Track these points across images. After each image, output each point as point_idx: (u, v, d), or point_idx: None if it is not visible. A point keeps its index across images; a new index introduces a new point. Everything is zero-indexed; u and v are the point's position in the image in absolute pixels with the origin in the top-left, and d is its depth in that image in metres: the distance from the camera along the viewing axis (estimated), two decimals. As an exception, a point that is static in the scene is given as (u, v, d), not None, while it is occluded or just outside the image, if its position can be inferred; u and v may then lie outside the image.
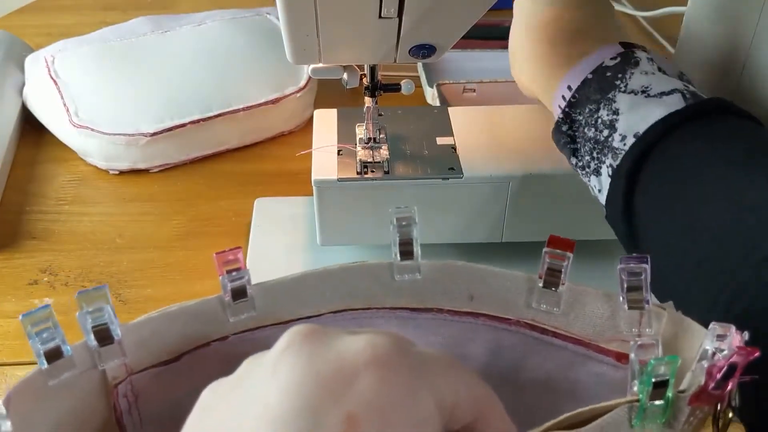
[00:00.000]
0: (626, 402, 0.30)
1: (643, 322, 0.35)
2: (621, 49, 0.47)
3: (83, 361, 0.34)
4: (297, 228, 0.64)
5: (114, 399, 0.36)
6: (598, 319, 0.36)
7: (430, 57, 0.49)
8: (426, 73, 0.80)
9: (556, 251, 0.36)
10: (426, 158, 0.56)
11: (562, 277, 0.36)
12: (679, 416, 0.31)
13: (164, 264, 0.63)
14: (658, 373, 0.29)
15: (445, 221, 0.56)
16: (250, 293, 0.37)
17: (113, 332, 0.34)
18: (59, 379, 0.33)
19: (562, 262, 0.35)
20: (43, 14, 1.03)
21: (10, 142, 0.73)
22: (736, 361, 0.29)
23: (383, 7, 0.44)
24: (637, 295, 0.34)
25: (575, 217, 0.57)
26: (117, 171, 0.72)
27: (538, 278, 0.36)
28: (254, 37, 0.80)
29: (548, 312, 0.37)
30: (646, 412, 0.30)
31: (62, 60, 0.77)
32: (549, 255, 0.36)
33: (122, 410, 0.36)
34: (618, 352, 0.36)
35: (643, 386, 0.30)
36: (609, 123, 0.46)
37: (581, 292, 0.36)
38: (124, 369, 0.35)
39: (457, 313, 0.38)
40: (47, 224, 0.67)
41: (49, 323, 0.32)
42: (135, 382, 0.36)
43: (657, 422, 0.31)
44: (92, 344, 0.34)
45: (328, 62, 0.51)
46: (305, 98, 0.78)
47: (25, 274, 0.62)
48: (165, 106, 0.72)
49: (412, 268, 0.37)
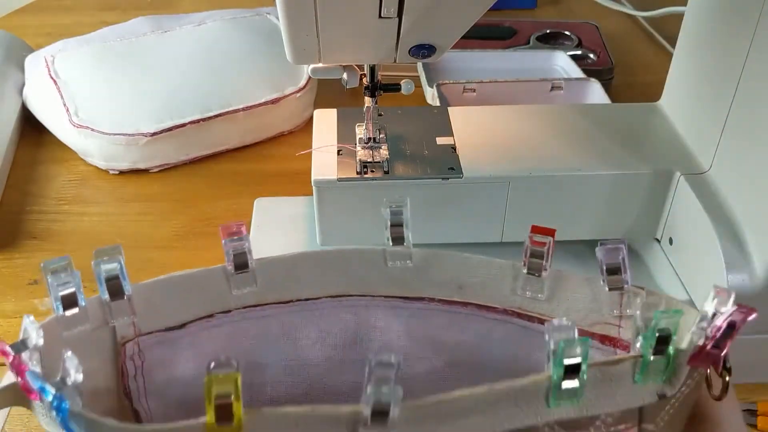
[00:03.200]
0: (630, 357, 0.31)
1: (624, 303, 0.36)
2: None
3: (96, 316, 0.35)
4: (297, 228, 0.64)
5: (122, 360, 0.36)
6: (581, 303, 0.37)
7: (430, 57, 0.49)
8: (426, 73, 0.80)
9: (537, 236, 0.37)
10: (426, 158, 0.56)
11: (544, 263, 0.37)
12: (679, 374, 0.32)
13: (164, 264, 0.63)
14: (661, 328, 0.31)
15: (445, 221, 0.56)
16: (251, 265, 0.38)
17: (124, 287, 0.35)
18: (72, 332, 0.34)
19: (543, 248, 0.37)
20: (43, 14, 1.03)
21: (10, 142, 0.73)
22: (735, 320, 0.30)
23: (383, 7, 0.44)
24: (616, 276, 0.35)
25: (575, 217, 0.57)
26: (117, 171, 0.72)
27: (522, 265, 0.37)
28: (254, 37, 0.80)
29: (533, 299, 0.38)
30: (649, 367, 0.31)
31: (62, 60, 0.77)
32: (531, 241, 0.37)
33: (129, 374, 0.37)
34: (602, 335, 0.37)
35: (647, 341, 0.31)
36: None
37: (563, 278, 0.37)
38: (132, 329, 0.36)
39: (447, 303, 0.39)
40: (47, 224, 0.67)
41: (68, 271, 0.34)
42: (142, 345, 0.37)
43: (659, 380, 0.32)
44: (104, 297, 0.35)
45: (327, 62, 0.51)
46: (305, 98, 0.78)
47: (25, 274, 0.62)
48: (165, 106, 0.72)
49: (403, 255, 0.38)
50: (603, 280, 0.36)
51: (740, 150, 0.51)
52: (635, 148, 0.57)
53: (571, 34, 0.91)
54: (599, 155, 0.56)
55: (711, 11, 0.54)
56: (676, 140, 0.58)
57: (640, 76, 0.90)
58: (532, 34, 0.92)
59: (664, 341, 0.31)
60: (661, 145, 0.58)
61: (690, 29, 0.57)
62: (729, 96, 0.51)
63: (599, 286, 0.36)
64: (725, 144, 0.52)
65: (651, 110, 0.61)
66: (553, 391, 0.31)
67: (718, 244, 0.49)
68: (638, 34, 1.00)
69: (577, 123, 0.60)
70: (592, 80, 0.77)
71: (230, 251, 0.37)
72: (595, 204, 0.56)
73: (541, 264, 0.37)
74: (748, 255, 0.49)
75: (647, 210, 0.56)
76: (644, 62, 0.93)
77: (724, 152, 0.53)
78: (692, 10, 0.57)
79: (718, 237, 0.49)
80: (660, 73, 0.62)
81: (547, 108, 0.62)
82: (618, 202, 0.56)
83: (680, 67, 0.59)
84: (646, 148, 0.57)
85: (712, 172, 0.54)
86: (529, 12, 1.06)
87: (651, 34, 0.99)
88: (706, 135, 0.54)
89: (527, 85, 0.77)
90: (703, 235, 0.51)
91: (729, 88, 0.51)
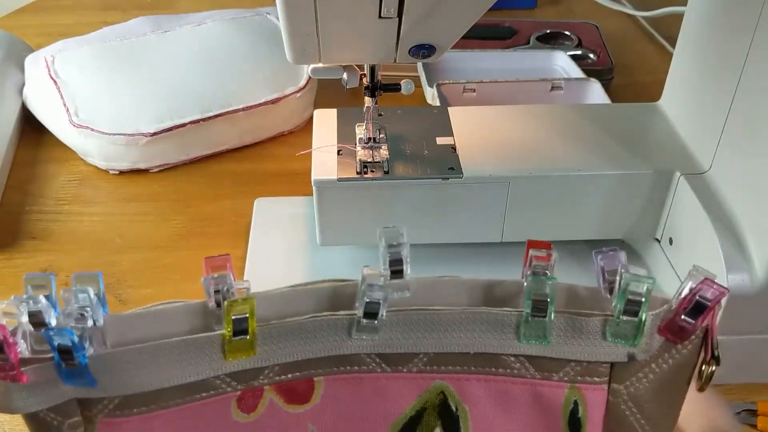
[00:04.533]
0: (601, 315, 0.34)
1: None
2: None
3: None
4: (297, 228, 0.64)
5: None
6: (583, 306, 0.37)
7: (430, 57, 0.49)
8: (426, 73, 0.80)
9: (540, 253, 0.36)
10: (426, 158, 0.56)
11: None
12: (652, 341, 0.34)
13: (164, 264, 0.63)
14: (634, 291, 0.33)
15: (445, 221, 0.56)
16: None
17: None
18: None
19: (545, 262, 0.35)
20: (43, 14, 1.03)
21: (10, 142, 0.73)
22: (705, 295, 0.32)
23: (383, 7, 0.44)
24: (614, 276, 0.36)
25: (575, 217, 0.57)
26: (117, 171, 0.72)
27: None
28: (254, 37, 0.80)
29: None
30: (618, 327, 0.34)
31: (62, 60, 0.77)
32: (534, 259, 0.36)
33: None
34: None
35: (618, 301, 0.33)
36: None
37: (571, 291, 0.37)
38: None
39: None
40: (47, 224, 0.67)
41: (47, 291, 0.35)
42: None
43: (630, 343, 0.34)
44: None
45: (327, 62, 0.51)
46: (305, 98, 0.78)
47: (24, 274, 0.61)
48: (165, 106, 0.72)
49: (401, 286, 0.36)
50: (601, 283, 0.35)
51: (740, 150, 0.51)
52: (635, 148, 0.57)
53: (571, 34, 0.91)
54: (599, 155, 0.56)
55: (711, 11, 0.54)
56: (676, 140, 0.58)
57: (640, 76, 0.90)
58: (532, 34, 0.92)
59: (637, 305, 0.33)
60: (661, 145, 0.58)
61: (690, 29, 0.57)
62: (729, 96, 0.51)
63: (600, 291, 0.36)
64: (725, 144, 0.52)
65: (651, 110, 0.61)
66: (523, 325, 0.34)
67: (718, 244, 0.49)
68: (638, 34, 1.00)
69: (577, 123, 0.60)
70: (592, 80, 0.77)
71: (210, 289, 0.35)
72: (595, 204, 0.56)
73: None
74: (748, 255, 0.49)
75: (647, 210, 0.56)
76: (644, 62, 0.93)
77: (724, 152, 0.53)
78: (692, 10, 0.57)
79: (718, 237, 0.49)
80: (660, 73, 0.62)
81: (547, 108, 0.62)
82: (618, 202, 0.56)
83: (680, 67, 0.59)
84: (646, 148, 0.57)
85: (712, 172, 0.54)
86: (529, 12, 1.06)
87: (651, 34, 0.99)
88: (706, 135, 0.54)
89: (527, 85, 0.77)
90: (703, 235, 0.51)
91: (729, 88, 0.51)
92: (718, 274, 0.49)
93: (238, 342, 0.33)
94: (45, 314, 0.33)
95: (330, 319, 0.34)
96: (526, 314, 0.34)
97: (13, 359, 0.31)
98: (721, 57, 0.52)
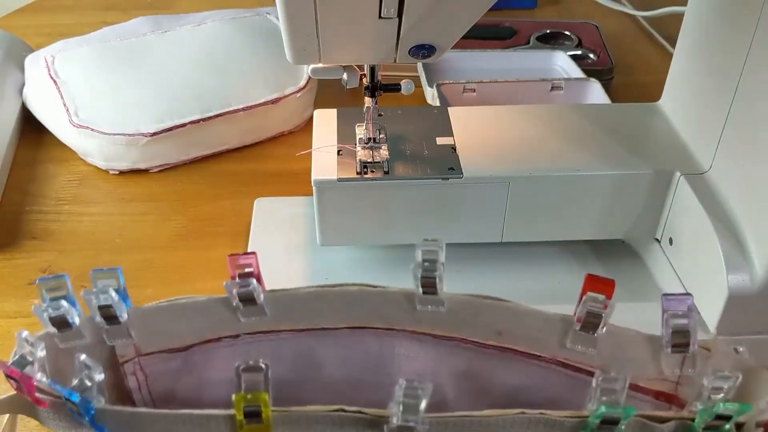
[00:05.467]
0: (679, 417, 0.30)
1: (686, 363, 0.34)
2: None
3: (92, 334, 0.35)
4: (297, 228, 0.64)
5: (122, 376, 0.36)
6: (638, 362, 0.35)
7: (430, 57, 0.49)
8: (426, 73, 0.80)
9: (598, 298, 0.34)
10: (426, 158, 0.56)
11: (601, 324, 0.34)
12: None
13: (164, 264, 0.63)
14: (720, 414, 0.29)
15: (445, 221, 0.56)
16: (260, 302, 0.37)
17: (118, 315, 0.35)
18: (69, 344, 0.34)
19: (602, 309, 0.34)
20: (43, 14, 1.03)
21: (10, 142, 0.73)
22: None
23: (383, 7, 0.44)
24: (681, 338, 0.33)
25: (575, 217, 0.57)
26: (117, 171, 0.72)
27: (575, 321, 0.35)
28: (254, 37, 0.80)
29: (583, 353, 0.36)
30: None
31: (62, 60, 0.77)
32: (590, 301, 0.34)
33: (131, 388, 0.37)
34: (657, 391, 0.35)
35: (703, 415, 0.30)
36: None
37: (622, 336, 0.35)
38: (132, 349, 0.36)
39: (482, 345, 0.37)
40: (47, 224, 0.67)
41: (62, 290, 0.34)
42: (144, 363, 0.36)
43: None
44: (98, 320, 0.35)
45: (327, 62, 0.51)
46: (305, 98, 0.78)
47: (25, 274, 0.61)
48: (165, 106, 0.72)
49: (435, 301, 0.36)
50: (666, 341, 0.33)
51: (740, 150, 0.51)
52: (635, 148, 0.57)
53: (571, 34, 0.91)
54: (599, 155, 0.56)
55: (711, 11, 0.54)
56: (676, 140, 0.58)
57: (640, 76, 0.90)
58: (532, 34, 0.92)
59: (723, 418, 0.30)
60: (661, 145, 0.58)
61: (690, 29, 0.57)
62: (729, 96, 0.51)
63: (660, 346, 0.34)
64: (725, 144, 0.52)
65: (651, 110, 0.61)
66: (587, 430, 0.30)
67: (718, 244, 0.49)
68: (638, 34, 1.00)
69: (577, 123, 0.60)
70: (592, 80, 0.77)
71: (233, 291, 0.36)
72: (595, 204, 0.56)
73: (598, 325, 0.35)
74: (748, 255, 0.49)
75: (647, 210, 0.56)
76: (644, 62, 0.93)
77: (724, 152, 0.52)
78: (692, 10, 0.57)
79: (718, 237, 0.49)
80: (660, 73, 0.62)
81: (547, 108, 0.62)
82: (618, 202, 0.56)
83: (680, 67, 0.59)
84: (646, 148, 0.57)
85: (712, 172, 0.54)
86: (529, 12, 1.06)
87: (651, 34, 0.99)
88: (706, 135, 0.54)
89: (527, 85, 0.77)
90: (703, 235, 0.51)
91: (729, 88, 0.51)
92: (718, 274, 0.49)
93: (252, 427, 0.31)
94: (68, 315, 0.33)
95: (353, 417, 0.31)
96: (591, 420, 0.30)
97: (28, 394, 0.31)
98: (721, 57, 0.52)
